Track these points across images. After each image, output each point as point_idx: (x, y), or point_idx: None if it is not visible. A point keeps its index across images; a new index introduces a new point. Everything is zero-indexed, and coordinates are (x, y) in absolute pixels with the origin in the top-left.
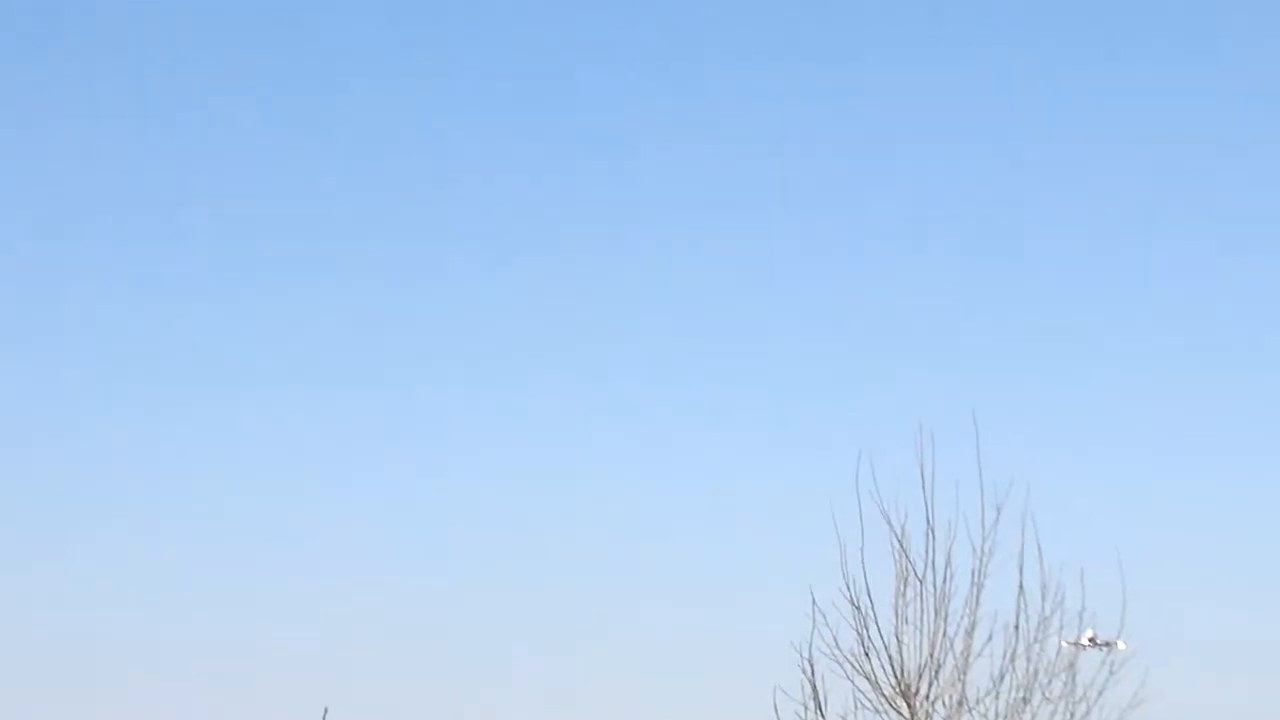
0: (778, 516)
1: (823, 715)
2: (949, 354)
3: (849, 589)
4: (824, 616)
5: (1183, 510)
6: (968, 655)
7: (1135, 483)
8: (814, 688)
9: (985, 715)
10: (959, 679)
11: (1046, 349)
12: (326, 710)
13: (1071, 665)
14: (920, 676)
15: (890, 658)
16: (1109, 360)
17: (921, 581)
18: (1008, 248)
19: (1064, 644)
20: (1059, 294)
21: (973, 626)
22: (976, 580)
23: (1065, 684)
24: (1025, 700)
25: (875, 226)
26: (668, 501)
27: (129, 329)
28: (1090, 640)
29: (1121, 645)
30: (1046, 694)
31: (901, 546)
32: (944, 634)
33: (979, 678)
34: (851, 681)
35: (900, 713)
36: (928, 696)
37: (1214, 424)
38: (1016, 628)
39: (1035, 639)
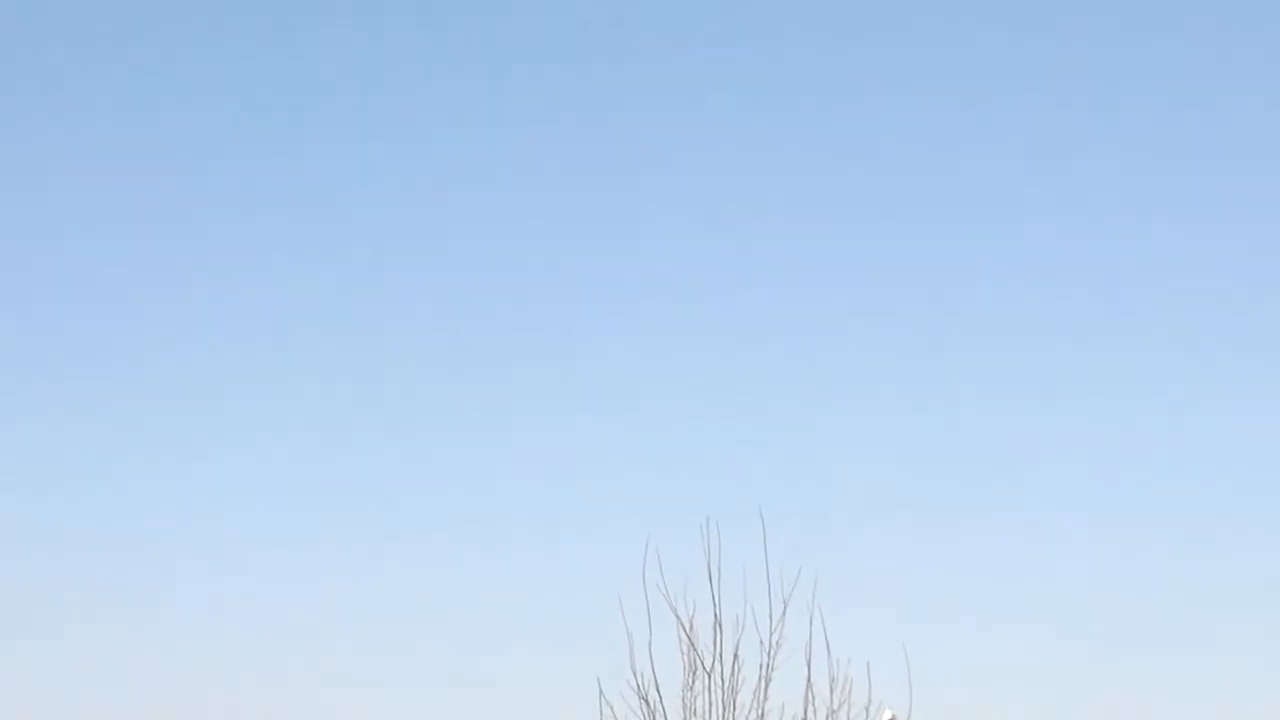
0: (565, 606)
1: None
2: (734, 446)
3: (637, 681)
4: (611, 709)
5: (970, 597)
6: None
7: (922, 571)
8: None
9: None
10: None
11: (833, 439)
12: None
13: None
14: None
15: None
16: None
17: (710, 674)
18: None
19: None
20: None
21: (761, 719)
22: (764, 673)
23: None
24: None
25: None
26: (459, 584)
27: None
28: None
29: None
30: None
31: (689, 639)
32: None
33: None
34: None
35: None
36: None
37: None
38: None
39: None
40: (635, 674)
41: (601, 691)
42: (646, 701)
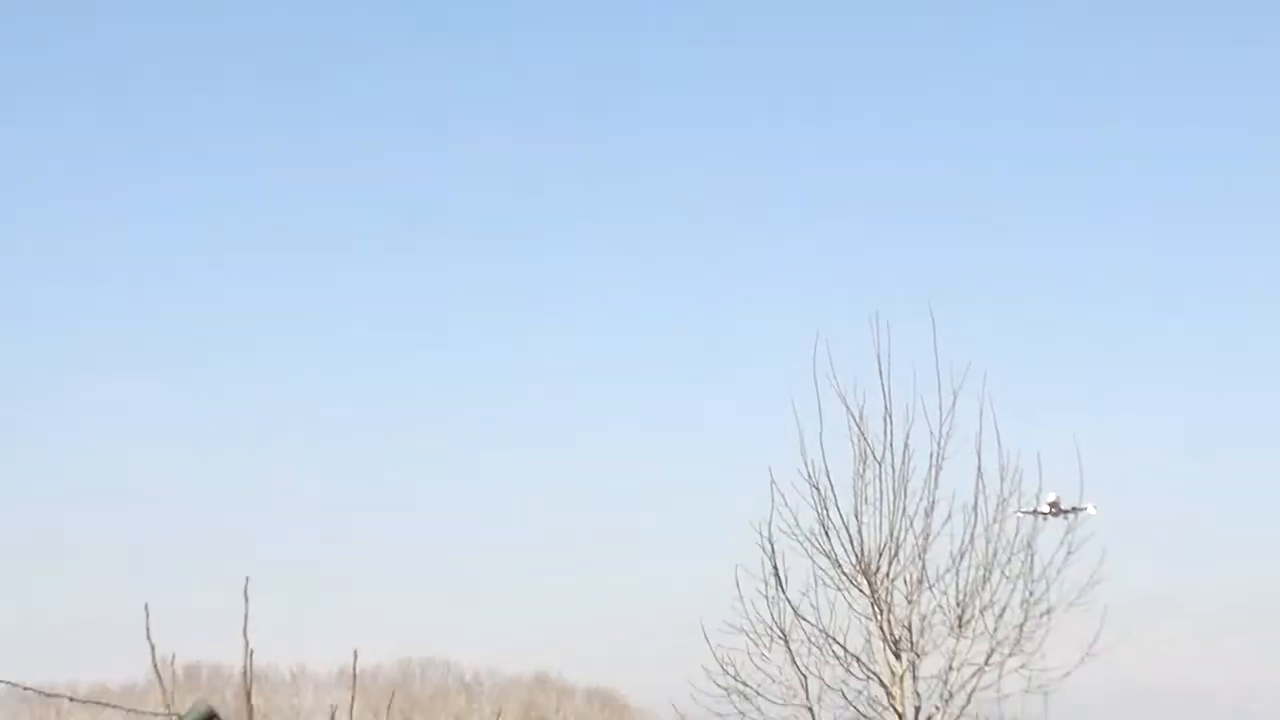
0: (739, 401)
1: (784, 592)
2: (906, 242)
3: (809, 471)
4: (783, 497)
5: (1142, 400)
6: (927, 535)
7: (1094, 371)
8: (774, 565)
9: (945, 593)
10: (919, 557)
11: (1004, 236)
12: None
13: (1030, 545)
14: (880, 555)
15: (850, 537)
16: (1067, 248)
17: (880, 463)
18: (968, 132)
19: (1020, 514)
20: (1018, 180)
21: (931, 507)
22: (935, 462)
23: (1024, 562)
24: (985, 578)
25: (838, 109)
26: (635, 383)
27: None
28: (1051, 506)
29: (1092, 509)
30: (1005, 572)
31: (860, 430)
32: (903, 514)
33: (939, 556)
34: (812, 559)
35: (861, 590)
36: (888, 574)
37: (1177, 312)
38: (975, 508)
39: (994, 519)
40: (807, 463)
41: (773, 480)
42: (817, 489)
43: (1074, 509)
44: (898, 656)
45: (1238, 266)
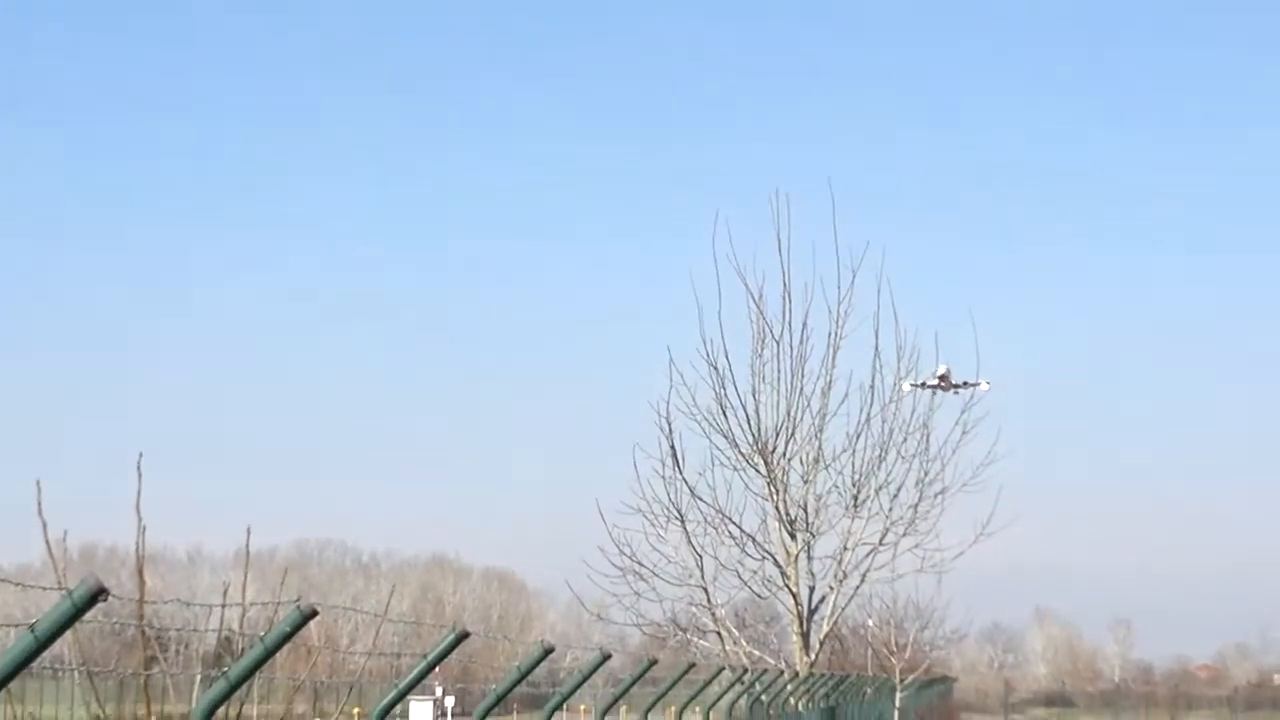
0: (635, 278)
1: (681, 472)
2: (804, 119)
3: (707, 350)
4: (682, 376)
5: (1038, 277)
6: (824, 414)
7: (991, 246)
8: (672, 445)
9: (841, 473)
10: (815, 437)
11: (902, 117)
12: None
13: (926, 425)
14: (777, 435)
15: (747, 416)
16: (964, 130)
17: (779, 342)
18: (863, 19)
19: (910, 386)
20: (919, 63)
21: (829, 386)
22: (833, 342)
23: (920, 442)
24: (881, 458)
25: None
26: (534, 262)
27: None
28: (942, 379)
29: (985, 385)
30: (901, 452)
31: (759, 308)
32: (800, 393)
33: (835, 436)
34: (709, 439)
35: (757, 469)
36: (784, 454)
37: (1075, 192)
38: (872, 387)
39: (891, 399)
40: (705, 342)
41: (672, 359)
42: (716, 368)
43: (966, 384)
44: (793, 536)
45: (1137, 146)
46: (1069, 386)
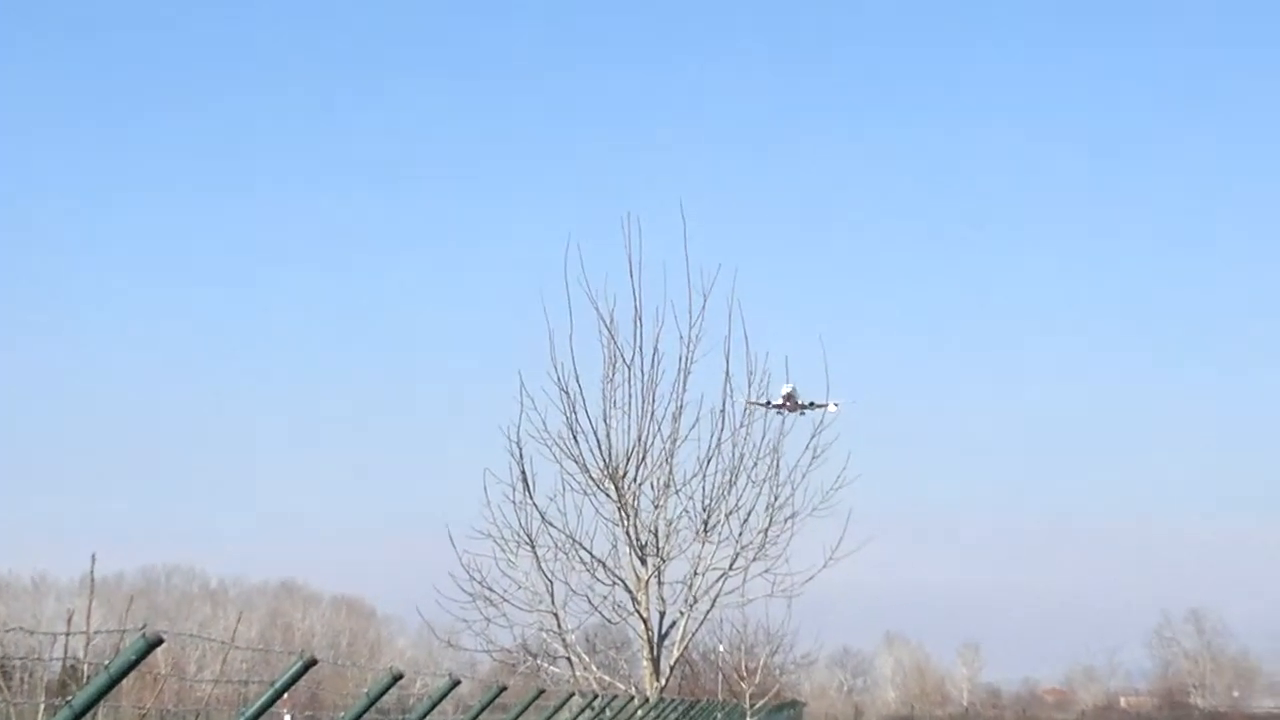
0: (490, 302)
1: (531, 497)
2: (655, 141)
3: (558, 374)
4: (533, 401)
5: (890, 298)
6: (675, 439)
7: (841, 269)
8: (522, 470)
9: (692, 497)
10: (666, 462)
11: (755, 138)
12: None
13: (776, 449)
14: (628, 459)
15: (599, 441)
16: (816, 154)
17: (630, 366)
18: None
19: (750, 404)
20: (770, 82)
21: (680, 410)
22: (683, 366)
23: (770, 466)
24: (731, 482)
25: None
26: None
27: None
28: (786, 399)
29: (834, 407)
30: (751, 476)
31: (610, 332)
32: (652, 418)
33: (686, 461)
34: (560, 464)
35: (608, 494)
36: (635, 479)
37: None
38: (723, 411)
39: (741, 423)
40: (556, 366)
41: (523, 383)
42: (567, 392)
43: (813, 404)
44: (643, 561)
45: (977, 172)
46: (917, 409)
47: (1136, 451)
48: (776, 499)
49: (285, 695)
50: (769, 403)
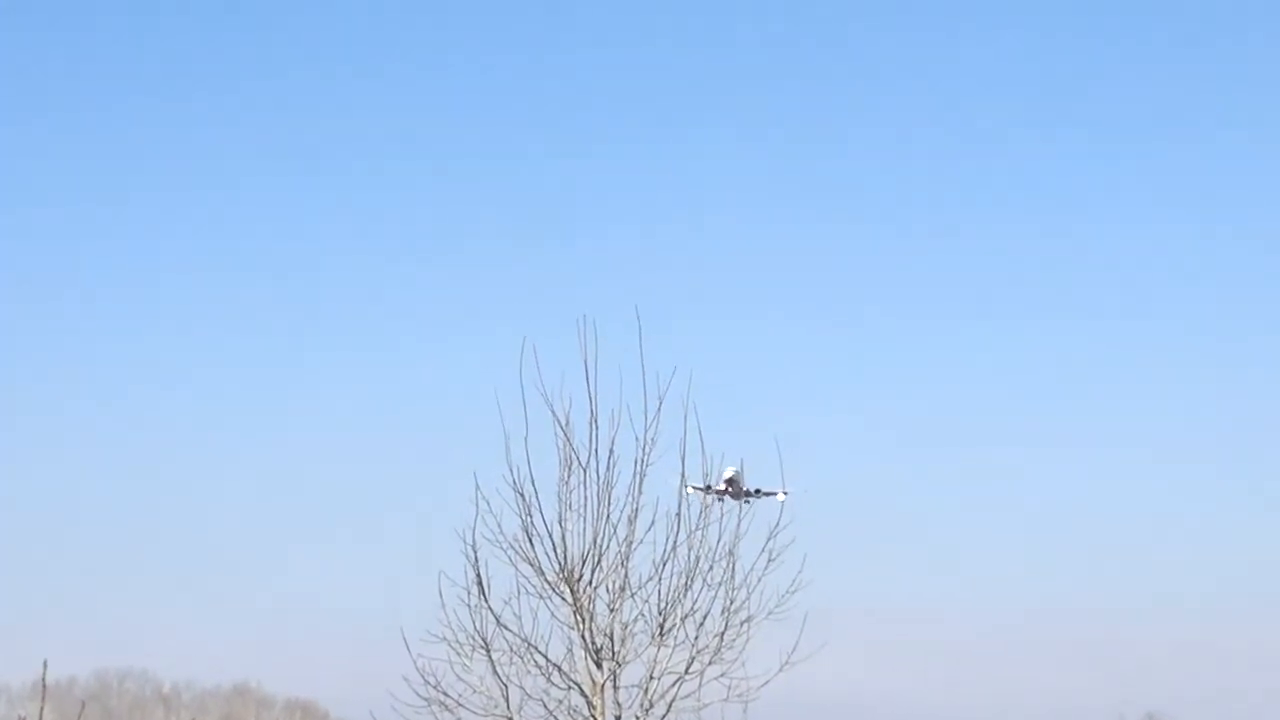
0: (445, 405)
1: (486, 600)
2: (612, 245)
3: (514, 477)
4: (488, 503)
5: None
6: (630, 542)
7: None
8: (477, 573)
9: (647, 601)
10: (621, 565)
11: (704, 243)
12: None
13: (732, 552)
14: (584, 562)
15: (554, 544)
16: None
17: (585, 469)
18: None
19: (690, 490)
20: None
21: (635, 514)
22: (639, 469)
23: (726, 569)
24: (687, 586)
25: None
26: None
27: None
28: (729, 484)
29: (781, 495)
30: (707, 580)
31: (565, 435)
32: (607, 520)
33: (642, 564)
34: (515, 567)
35: (564, 598)
36: (590, 582)
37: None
38: (679, 514)
39: (697, 526)
40: (511, 469)
41: (478, 486)
42: (522, 495)
43: (759, 491)
44: (599, 665)
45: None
46: (876, 508)
47: (1098, 554)
48: (732, 602)
49: None
50: (709, 487)
